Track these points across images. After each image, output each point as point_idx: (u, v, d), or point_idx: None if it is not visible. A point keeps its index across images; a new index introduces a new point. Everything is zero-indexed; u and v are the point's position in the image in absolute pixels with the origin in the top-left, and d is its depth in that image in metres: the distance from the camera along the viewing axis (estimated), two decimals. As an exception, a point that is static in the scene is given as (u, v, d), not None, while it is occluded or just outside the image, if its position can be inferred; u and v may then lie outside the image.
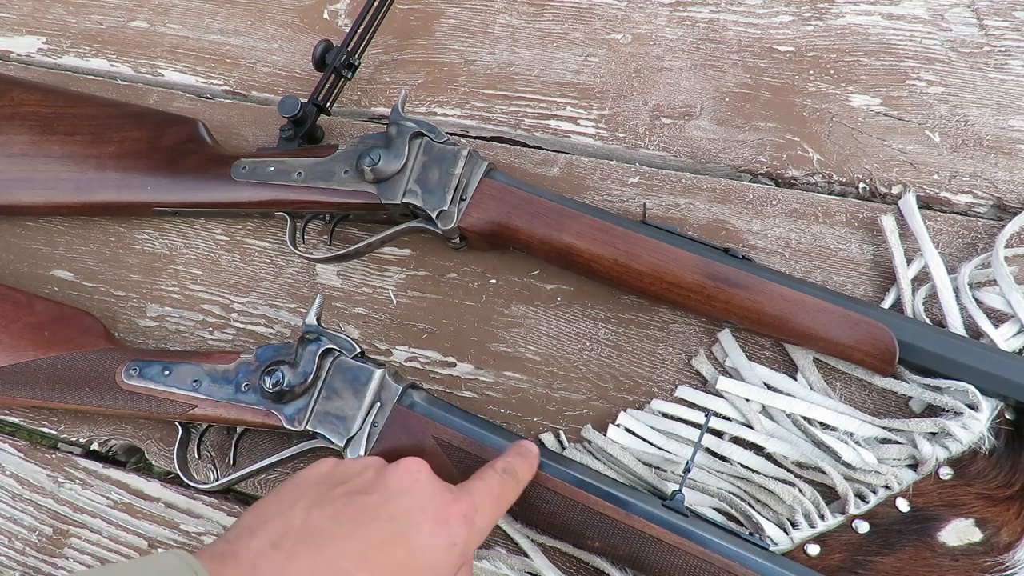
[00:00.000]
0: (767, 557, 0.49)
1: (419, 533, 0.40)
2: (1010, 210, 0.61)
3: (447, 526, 0.41)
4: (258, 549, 0.38)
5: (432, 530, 0.40)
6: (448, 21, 0.77)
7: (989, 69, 0.65)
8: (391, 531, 0.40)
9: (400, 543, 0.39)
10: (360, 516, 0.40)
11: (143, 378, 0.59)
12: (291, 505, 0.41)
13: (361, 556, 0.38)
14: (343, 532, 0.39)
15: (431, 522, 0.41)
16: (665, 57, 0.71)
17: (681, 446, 0.57)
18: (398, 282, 0.67)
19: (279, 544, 0.38)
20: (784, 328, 0.55)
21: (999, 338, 0.55)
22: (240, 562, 0.37)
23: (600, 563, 0.54)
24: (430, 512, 0.41)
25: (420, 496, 0.42)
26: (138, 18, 0.84)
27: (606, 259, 0.58)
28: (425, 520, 0.41)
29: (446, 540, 0.41)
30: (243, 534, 0.39)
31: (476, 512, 0.43)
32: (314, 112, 0.68)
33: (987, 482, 0.52)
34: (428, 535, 0.40)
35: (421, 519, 0.41)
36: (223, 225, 0.72)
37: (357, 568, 0.38)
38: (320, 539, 0.38)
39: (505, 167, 0.68)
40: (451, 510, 0.42)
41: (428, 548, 0.40)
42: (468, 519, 0.42)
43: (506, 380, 0.62)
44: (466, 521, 0.42)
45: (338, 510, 0.40)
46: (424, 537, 0.40)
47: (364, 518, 0.40)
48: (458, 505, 0.42)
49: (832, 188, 0.65)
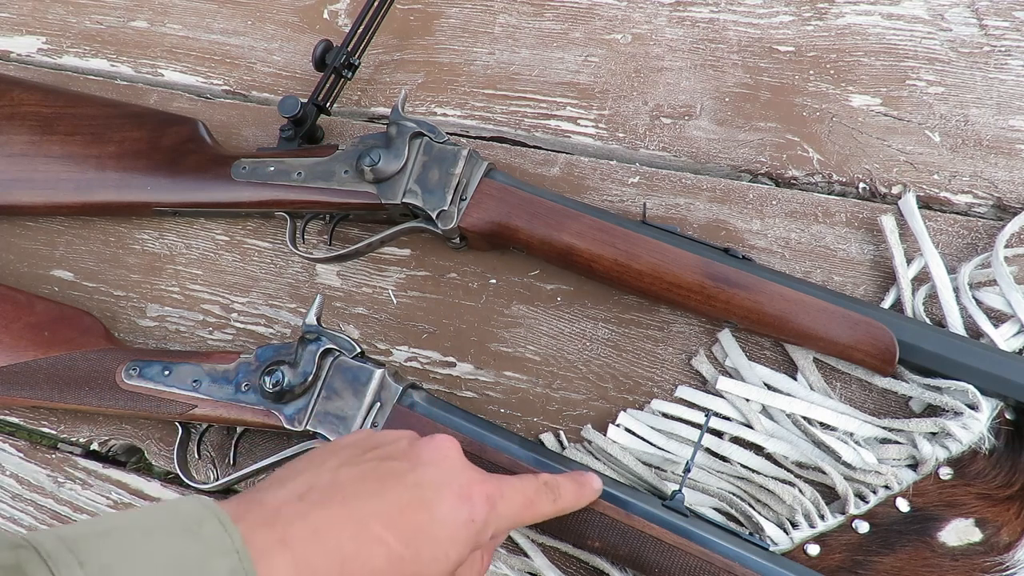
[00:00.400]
0: (767, 557, 0.49)
1: (442, 503, 0.41)
2: (1010, 210, 0.61)
3: (469, 502, 0.42)
4: (284, 498, 0.38)
5: (454, 503, 0.41)
6: (448, 21, 0.77)
7: (989, 69, 0.65)
8: (416, 497, 0.40)
9: (422, 509, 0.40)
10: (388, 479, 0.41)
11: (143, 378, 0.59)
12: (322, 463, 0.42)
13: (384, 515, 0.39)
14: (369, 491, 0.40)
15: (455, 495, 0.41)
16: (665, 57, 0.71)
17: (681, 446, 0.57)
18: (398, 282, 0.67)
19: (305, 496, 0.39)
20: (784, 328, 0.55)
21: (999, 338, 0.55)
22: (264, 509, 0.37)
23: (600, 563, 0.54)
24: (455, 486, 0.42)
25: (448, 470, 0.43)
26: (138, 18, 0.84)
27: (606, 259, 0.58)
28: (449, 492, 0.41)
29: (466, 515, 0.41)
30: (272, 485, 0.40)
31: (501, 498, 0.43)
32: (314, 112, 0.68)
33: (987, 482, 0.52)
34: (450, 506, 0.41)
35: (446, 491, 0.41)
36: (223, 225, 0.72)
37: (379, 526, 0.38)
38: (346, 495, 0.39)
39: (505, 167, 0.68)
40: (475, 488, 0.42)
41: (448, 519, 0.40)
42: (491, 501, 0.42)
43: (506, 380, 0.62)
44: (488, 502, 0.42)
45: (367, 471, 0.41)
46: (446, 508, 0.41)
47: (391, 481, 0.41)
48: (483, 486, 0.43)
49: (832, 188, 0.65)
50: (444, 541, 0.40)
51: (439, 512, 0.40)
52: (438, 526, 0.40)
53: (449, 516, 0.41)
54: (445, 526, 0.40)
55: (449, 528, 0.40)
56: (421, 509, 0.40)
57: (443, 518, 0.40)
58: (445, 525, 0.40)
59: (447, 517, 0.41)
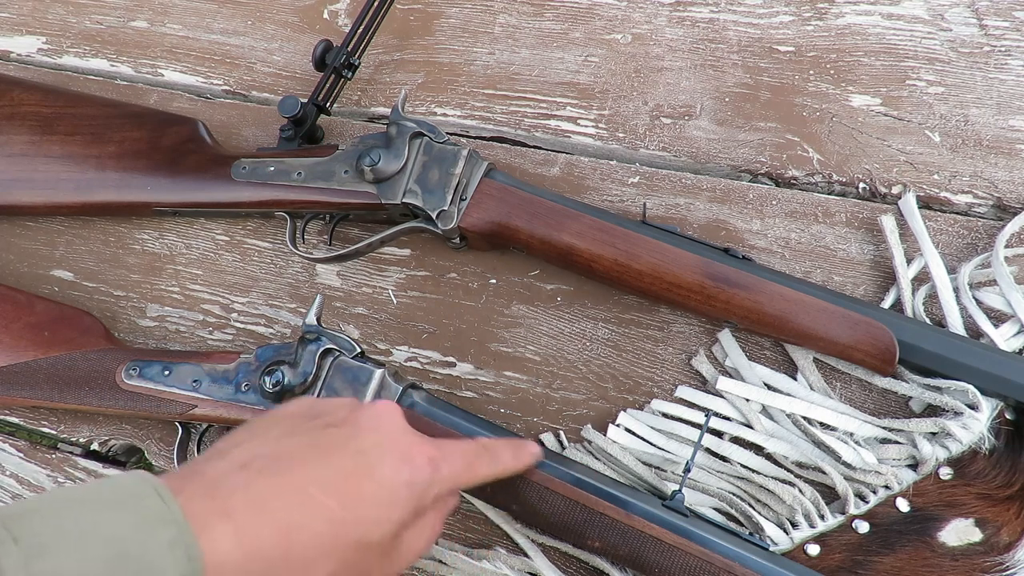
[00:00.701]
0: (767, 557, 0.49)
1: (383, 467, 0.41)
2: (1010, 210, 0.61)
3: (410, 464, 0.42)
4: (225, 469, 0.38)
5: (395, 466, 0.41)
6: (448, 21, 0.77)
7: (989, 69, 0.65)
8: (358, 462, 0.40)
9: (364, 474, 0.40)
10: (330, 446, 0.41)
11: (143, 378, 0.59)
12: (264, 432, 0.42)
13: (327, 482, 0.39)
14: (311, 459, 0.40)
15: (396, 459, 0.42)
16: (665, 57, 0.71)
17: (681, 446, 0.57)
18: (398, 282, 0.67)
19: (248, 465, 0.38)
20: (784, 328, 0.55)
21: (999, 338, 0.55)
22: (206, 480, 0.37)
23: (600, 563, 0.54)
24: (396, 450, 0.42)
25: (389, 434, 0.43)
26: (138, 18, 0.84)
27: (606, 259, 0.58)
28: (390, 456, 0.42)
29: (407, 476, 0.41)
30: (213, 457, 0.40)
31: (442, 460, 0.44)
32: (314, 112, 0.68)
33: (987, 482, 0.52)
34: (391, 470, 0.41)
35: (387, 455, 0.41)
36: (223, 225, 0.72)
37: (321, 493, 0.38)
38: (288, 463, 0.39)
39: (505, 167, 0.68)
40: (416, 451, 0.43)
41: (389, 482, 0.41)
42: (433, 463, 0.43)
43: (506, 380, 0.62)
44: (430, 464, 0.43)
45: (309, 440, 0.41)
46: (387, 471, 0.41)
47: (333, 448, 0.41)
48: (424, 448, 0.43)
49: (832, 188, 0.65)
50: (385, 504, 0.40)
51: (380, 476, 0.41)
52: (379, 489, 0.40)
53: (390, 479, 0.41)
54: (386, 489, 0.41)
55: (390, 491, 0.41)
56: (363, 474, 0.40)
57: (384, 481, 0.41)
58: (386, 488, 0.41)
59: (388, 480, 0.41)
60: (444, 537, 0.58)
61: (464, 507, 0.59)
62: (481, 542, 0.58)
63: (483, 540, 0.58)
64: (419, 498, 0.42)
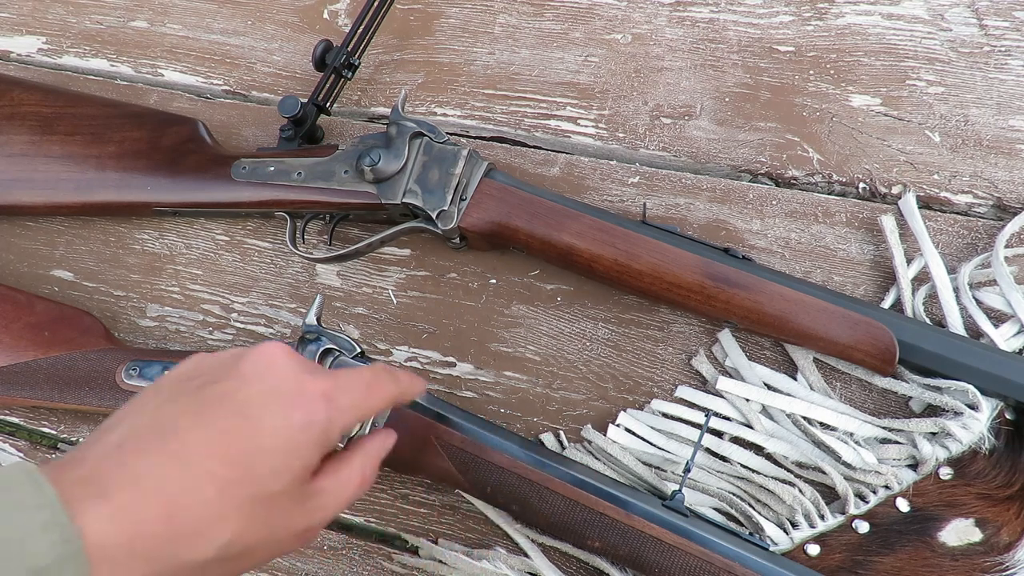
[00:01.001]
0: (767, 557, 0.49)
1: (269, 415, 0.39)
2: (1010, 210, 0.61)
3: (302, 405, 0.40)
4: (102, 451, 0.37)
5: (284, 411, 0.39)
6: (448, 21, 0.77)
7: (989, 69, 0.65)
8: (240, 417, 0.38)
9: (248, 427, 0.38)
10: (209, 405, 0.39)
11: (143, 378, 0.59)
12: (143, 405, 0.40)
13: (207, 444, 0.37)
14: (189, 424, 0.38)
15: (284, 403, 0.39)
16: (665, 57, 0.71)
17: (681, 446, 0.57)
18: (398, 282, 0.67)
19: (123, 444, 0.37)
20: (784, 328, 0.55)
21: (999, 338, 0.55)
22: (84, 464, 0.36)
23: (600, 563, 0.54)
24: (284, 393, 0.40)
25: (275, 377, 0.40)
26: (138, 18, 0.84)
27: (606, 259, 0.58)
28: (277, 401, 0.39)
29: (300, 418, 0.39)
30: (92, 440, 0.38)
31: (338, 390, 0.41)
32: (314, 112, 0.68)
33: (987, 482, 0.52)
34: (281, 415, 0.39)
35: (273, 401, 0.39)
36: (223, 225, 0.72)
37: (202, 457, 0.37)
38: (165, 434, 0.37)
39: (505, 167, 0.68)
40: (307, 388, 0.40)
41: (280, 428, 0.39)
42: (327, 396, 0.41)
43: (506, 380, 0.62)
44: (324, 398, 0.40)
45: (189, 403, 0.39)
46: (275, 418, 0.39)
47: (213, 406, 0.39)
48: (316, 383, 0.41)
49: (832, 188, 0.65)
50: (280, 452, 0.38)
51: (269, 425, 0.38)
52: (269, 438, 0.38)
53: (280, 424, 0.39)
54: (277, 436, 0.38)
55: (283, 437, 0.39)
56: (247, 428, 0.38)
57: (273, 428, 0.38)
58: (277, 435, 0.38)
59: (278, 426, 0.39)
60: (444, 537, 0.58)
61: (464, 507, 0.59)
62: (481, 542, 0.58)
63: (483, 540, 0.58)
64: (323, 436, 0.40)
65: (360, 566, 0.59)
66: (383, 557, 0.59)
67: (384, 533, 0.60)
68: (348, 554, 0.60)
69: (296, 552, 0.60)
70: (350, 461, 0.43)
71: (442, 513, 0.59)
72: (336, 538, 0.60)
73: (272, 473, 0.38)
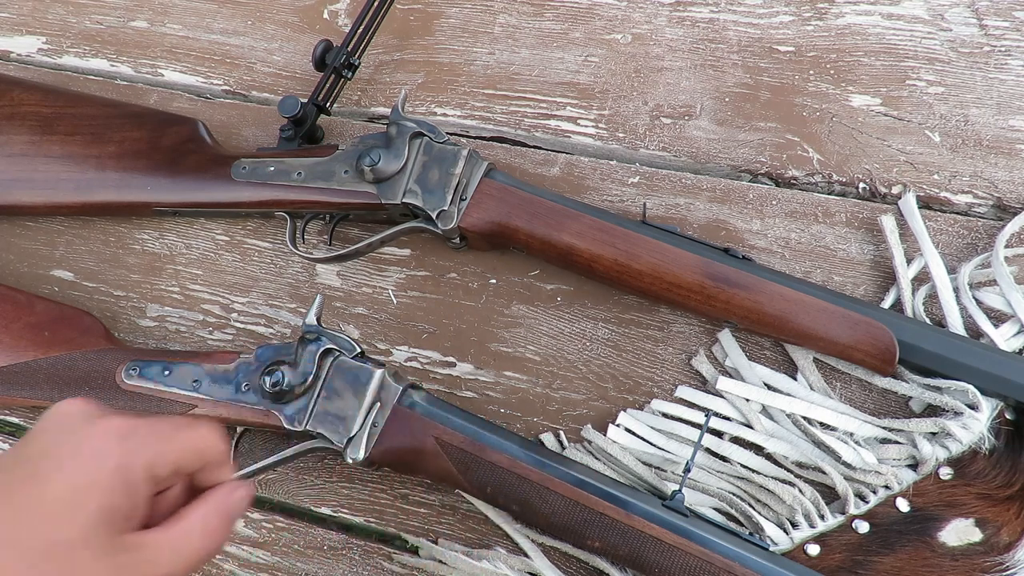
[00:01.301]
0: (767, 557, 0.49)
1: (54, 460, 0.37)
2: (1010, 210, 0.61)
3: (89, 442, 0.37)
4: None
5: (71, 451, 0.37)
6: (448, 21, 0.77)
7: (989, 69, 0.65)
8: (18, 473, 0.37)
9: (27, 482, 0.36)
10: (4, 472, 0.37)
11: (143, 378, 0.59)
12: None
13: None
14: None
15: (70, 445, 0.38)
16: (665, 57, 0.71)
17: (681, 446, 0.57)
18: (398, 282, 0.67)
19: None
20: (784, 328, 0.55)
21: (999, 338, 0.55)
22: None
23: (600, 563, 0.54)
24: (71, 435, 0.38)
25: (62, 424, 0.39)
26: (138, 18, 0.84)
27: (606, 259, 0.58)
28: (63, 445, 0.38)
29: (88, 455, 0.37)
30: None
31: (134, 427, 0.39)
32: (314, 112, 0.68)
33: (987, 482, 0.52)
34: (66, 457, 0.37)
35: (54, 451, 0.37)
36: (223, 225, 0.72)
37: None
38: None
39: (505, 167, 0.68)
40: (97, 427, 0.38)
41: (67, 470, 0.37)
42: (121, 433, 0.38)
43: (506, 380, 0.62)
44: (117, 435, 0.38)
45: None
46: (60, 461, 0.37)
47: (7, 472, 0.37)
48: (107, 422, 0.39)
49: (832, 188, 0.65)
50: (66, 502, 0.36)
51: (50, 467, 0.37)
52: (54, 484, 0.36)
53: (68, 466, 0.37)
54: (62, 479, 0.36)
55: (68, 480, 0.36)
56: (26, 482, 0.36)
57: (58, 470, 0.37)
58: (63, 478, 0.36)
59: (64, 467, 0.37)
60: (444, 537, 0.58)
61: (464, 507, 0.59)
62: (481, 542, 0.58)
63: (483, 540, 0.58)
64: (119, 475, 0.37)
65: (360, 566, 0.59)
66: (383, 557, 0.59)
67: (384, 533, 0.60)
68: (348, 554, 0.60)
69: (296, 552, 0.60)
70: (188, 515, 0.40)
71: (442, 513, 0.59)
72: (336, 538, 0.60)
73: (57, 525, 0.36)
